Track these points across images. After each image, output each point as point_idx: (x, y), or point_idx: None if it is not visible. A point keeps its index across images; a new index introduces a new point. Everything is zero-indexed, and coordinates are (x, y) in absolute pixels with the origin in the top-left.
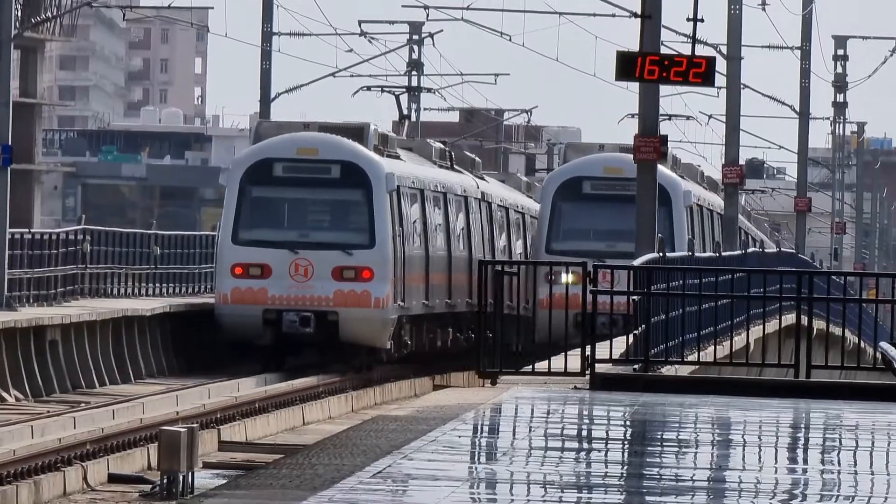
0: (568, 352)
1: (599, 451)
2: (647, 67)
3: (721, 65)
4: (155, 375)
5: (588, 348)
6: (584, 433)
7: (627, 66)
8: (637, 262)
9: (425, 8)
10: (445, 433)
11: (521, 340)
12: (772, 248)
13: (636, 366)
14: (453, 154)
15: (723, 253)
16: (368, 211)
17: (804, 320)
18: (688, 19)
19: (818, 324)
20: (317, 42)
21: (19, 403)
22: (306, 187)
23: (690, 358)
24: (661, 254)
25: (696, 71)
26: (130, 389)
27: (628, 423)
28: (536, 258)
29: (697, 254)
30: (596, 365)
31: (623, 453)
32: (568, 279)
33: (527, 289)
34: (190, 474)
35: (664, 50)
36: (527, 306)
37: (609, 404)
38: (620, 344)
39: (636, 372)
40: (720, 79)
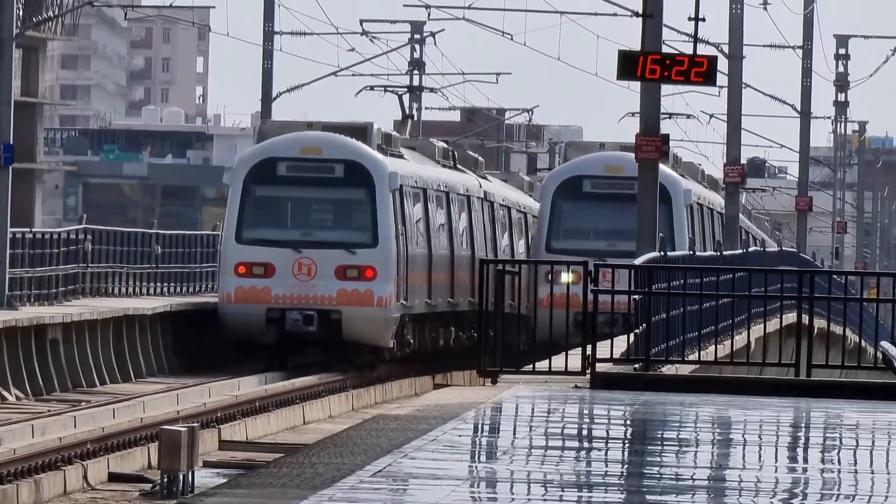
0: (568, 351)
1: (600, 451)
2: (649, 67)
3: (723, 64)
4: (155, 374)
5: (589, 347)
6: (585, 432)
7: (629, 66)
8: (638, 262)
9: (427, 7)
10: (446, 432)
11: (523, 340)
12: (773, 248)
13: (637, 365)
14: (456, 153)
15: (724, 252)
16: (372, 210)
17: (805, 319)
18: (689, 18)
19: (819, 323)
20: (318, 41)
21: (20, 402)
22: (310, 186)
23: (691, 357)
24: (663, 253)
25: (698, 70)
26: (131, 388)
27: (629, 423)
28: (536, 257)
29: (698, 253)
30: (596, 364)
31: (623, 452)
32: (568, 279)
33: (528, 288)
34: (190, 473)
35: (666, 49)
36: (528, 305)
37: (609, 403)
38: (621, 343)
39: (637, 371)
40: (722, 78)
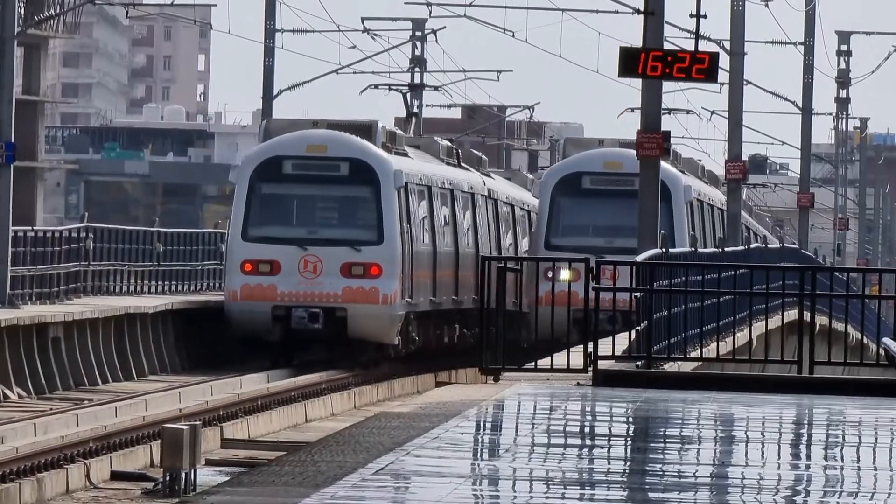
0: (570, 348)
1: (602, 448)
2: (650, 63)
3: (724, 61)
4: (157, 373)
5: (591, 345)
6: (587, 429)
7: (630, 63)
8: (640, 259)
9: (428, 4)
10: (448, 430)
11: (525, 337)
12: (775, 244)
13: (639, 362)
14: (460, 151)
15: (725, 249)
16: (377, 208)
17: (807, 316)
18: (691, 15)
19: (821, 320)
20: (320, 39)
21: (22, 401)
22: (315, 184)
23: (693, 354)
24: (664, 250)
25: (699, 67)
26: (133, 387)
27: (631, 420)
28: (535, 254)
29: (699, 250)
30: (598, 361)
31: (626, 450)
32: (567, 276)
33: (528, 286)
34: (192, 471)
35: (667, 46)
36: (529, 303)
37: (612, 401)
38: (623, 340)
39: (639, 368)
40: (723, 75)
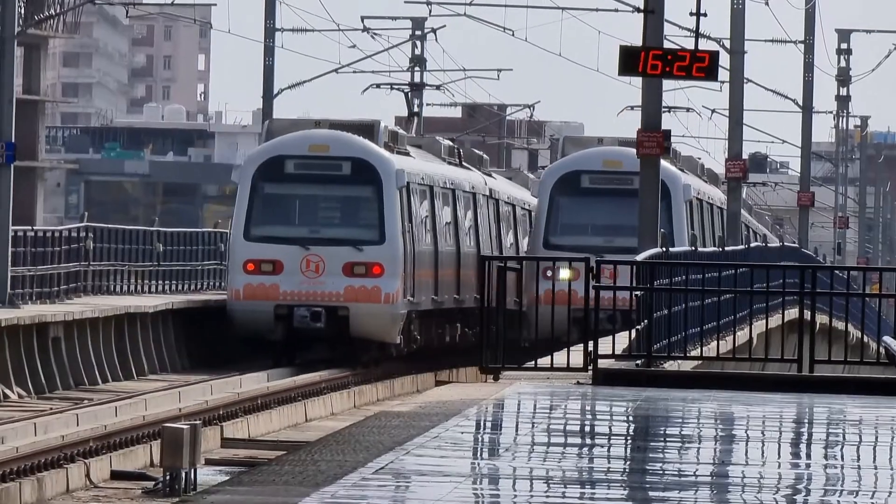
0: (570, 347)
1: (602, 447)
2: (651, 62)
3: (724, 59)
4: (157, 372)
5: (591, 344)
6: (587, 428)
7: (630, 61)
8: (640, 258)
9: (428, 3)
10: (448, 429)
11: (525, 336)
12: (775, 243)
13: (639, 361)
14: (462, 151)
15: (725, 248)
16: (379, 207)
17: (807, 315)
18: (691, 14)
19: (821, 318)
20: (319, 38)
21: (22, 400)
22: (318, 184)
23: (693, 353)
24: (665, 249)
25: (700, 65)
26: (133, 386)
27: (631, 419)
28: (533, 253)
29: (699, 249)
30: (598, 360)
31: (626, 448)
32: (567, 275)
33: (528, 285)
34: (192, 471)
35: (667, 45)
36: (528, 302)
37: (612, 399)
38: (623, 339)
39: (639, 367)
40: (723, 73)
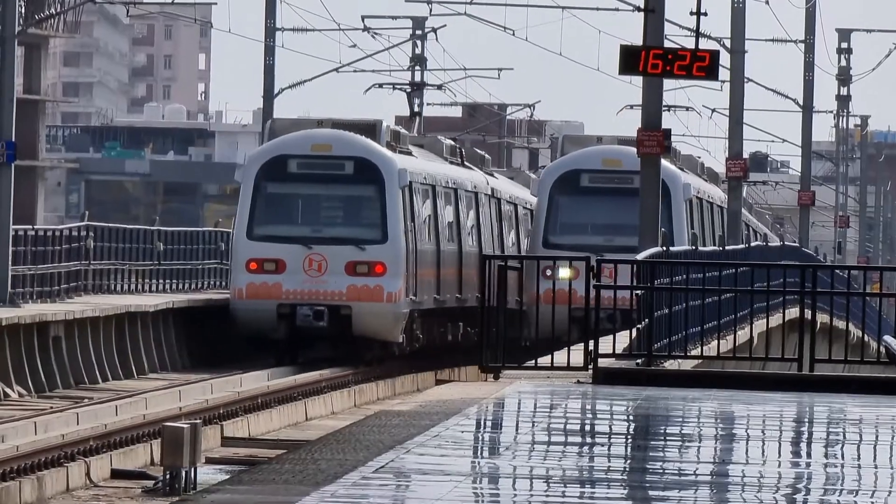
0: (570, 346)
1: (602, 446)
2: (651, 61)
3: (724, 58)
4: (158, 371)
5: (591, 343)
6: (587, 427)
7: (631, 61)
8: (640, 257)
9: (428, 2)
10: (448, 428)
11: (526, 335)
12: (775, 242)
13: (639, 360)
14: (463, 150)
15: (726, 247)
16: (381, 206)
17: (808, 314)
18: (691, 13)
19: (821, 318)
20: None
21: (23, 399)
22: (320, 183)
23: (694, 352)
24: (665, 248)
25: (700, 65)
26: (133, 385)
27: (631, 418)
28: (533, 252)
29: (700, 248)
30: (599, 359)
31: (626, 448)
32: (567, 274)
33: (528, 284)
34: (193, 470)
35: (667, 44)
36: (527, 302)
37: (612, 398)
38: (623, 338)
39: (639, 366)
40: (724, 72)
